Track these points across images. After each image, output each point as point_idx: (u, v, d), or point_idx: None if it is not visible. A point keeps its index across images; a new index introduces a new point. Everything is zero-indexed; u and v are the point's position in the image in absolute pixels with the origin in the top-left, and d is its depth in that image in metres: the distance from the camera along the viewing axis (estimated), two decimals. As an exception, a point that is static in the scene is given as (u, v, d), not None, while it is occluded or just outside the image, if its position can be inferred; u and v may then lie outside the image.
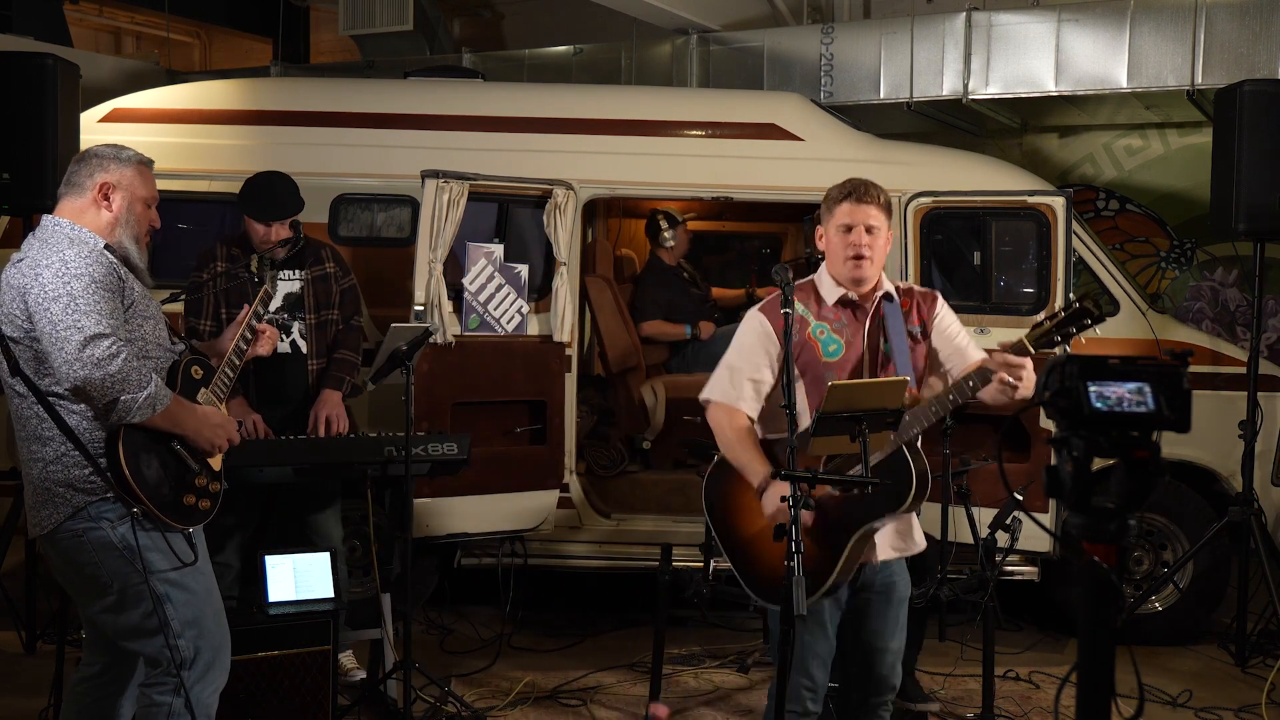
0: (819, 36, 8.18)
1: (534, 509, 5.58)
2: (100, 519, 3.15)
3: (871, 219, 3.34)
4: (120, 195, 3.29)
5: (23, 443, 3.22)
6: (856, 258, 3.33)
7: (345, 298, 4.96)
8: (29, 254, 3.16)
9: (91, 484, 3.13)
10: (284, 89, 6.88)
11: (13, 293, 3.10)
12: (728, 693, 5.04)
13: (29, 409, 3.16)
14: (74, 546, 3.17)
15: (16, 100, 5.21)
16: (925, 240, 5.69)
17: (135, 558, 3.12)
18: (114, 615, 3.22)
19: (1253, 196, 5.35)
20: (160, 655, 3.21)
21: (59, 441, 3.11)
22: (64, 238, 3.17)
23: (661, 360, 6.95)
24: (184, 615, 3.21)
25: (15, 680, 4.91)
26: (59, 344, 3.00)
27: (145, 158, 3.41)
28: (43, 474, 3.16)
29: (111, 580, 3.17)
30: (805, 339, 3.37)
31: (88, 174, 3.29)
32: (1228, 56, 7.06)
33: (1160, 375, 2.02)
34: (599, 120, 6.03)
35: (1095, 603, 2.03)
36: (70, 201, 3.28)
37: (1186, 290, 8.67)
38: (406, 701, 4.31)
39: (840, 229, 3.37)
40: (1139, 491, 1.98)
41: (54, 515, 3.16)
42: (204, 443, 3.27)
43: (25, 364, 3.07)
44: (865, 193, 3.36)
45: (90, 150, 3.35)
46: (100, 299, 3.07)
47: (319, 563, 4.26)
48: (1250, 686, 5.12)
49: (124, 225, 3.29)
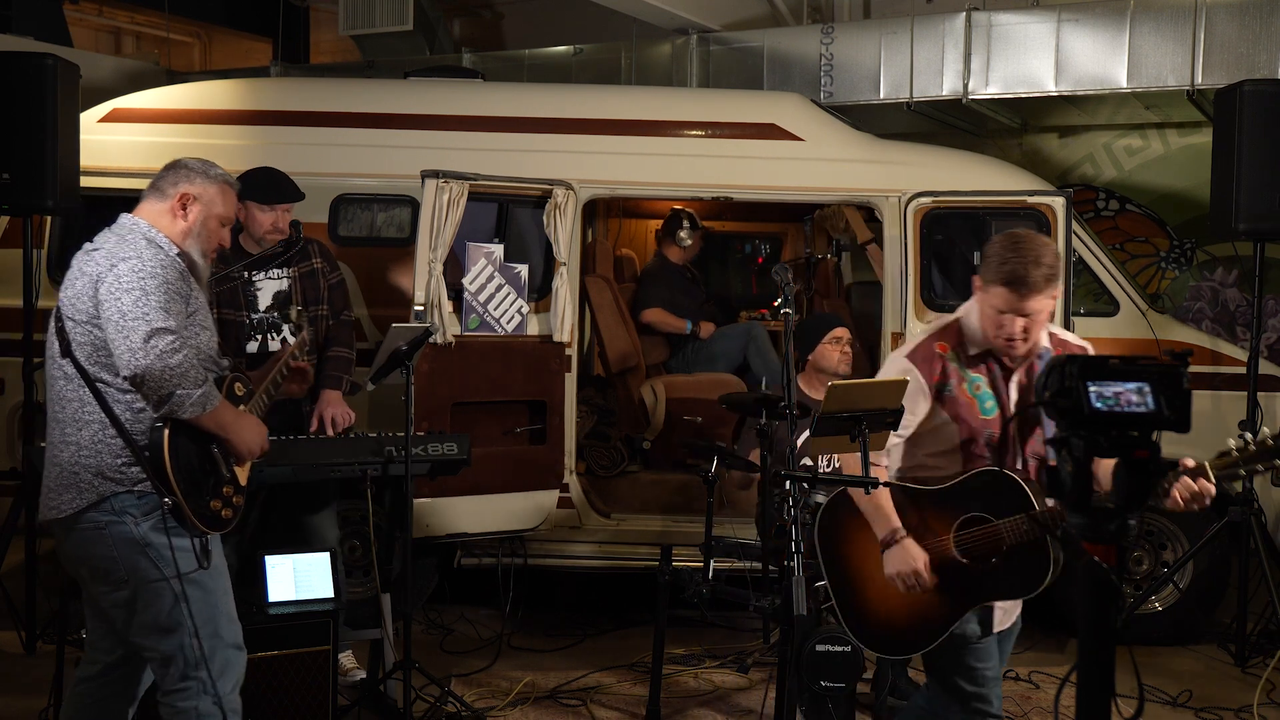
0: (819, 36, 8.18)
1: (534, 509, 5.58)
2: (124, 513, 3.16)
3: (1030, 309, 3.01)
4: (198, 208, 3.37)
5: (57, 424, 3.23)
6: (1009, 340, 3.07)
7: (334, 293, 4.95)
8: (104, 246, 3.22)
9: (122, 475, 3.16)
10: (284, 89, 6.88)
11: (85, 280, 3.17)
12: (727, 693, 5.04)
13: (73, 392, 3.19)
14: (93, 537, 3.18)
15: (16, 100, 5.21)
16: (925, 240, 5.69)
17: (156, 555, 3.15)
18: (127, 610, 3.22)
19: (1253, 196, 5.35)
20: (175, 654, 3.20)
21: (98, 427, 3.16)
22: (141, 237, 3.25)
23: (661, 360, 6.95)
24: (200, 615, 3.21)
25: (15, 680, 4.91)
26: (126, 333, 3.05)
27: (232, 179, 3.50)
28: (74, 458, 3.18)
29: (128, 576, 3.18)
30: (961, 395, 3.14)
31: (172, 182, 3.37)
32: (1228, 56, 7.06)
33: (1160, 375, 2.02)
34: (599, 120, 6.03)
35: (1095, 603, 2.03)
36: (151, 204, 3.36)
37: (1186, 290, 8.67)
38: (406, 701, 4.31)
39: (993, 309, 3.05)
40: (1139, 491, 1.98)
41: (75, 501, 3.17)
42: (243, 447, 3.31)
43: (79, 348, 3.15)
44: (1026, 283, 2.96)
45: (182, 160, 3.44)
46: (169, 299, 3.14)
47: (319, 563, 4.26)
48: (1250, 686, 5.11)
49: (195, 237, 3.37)
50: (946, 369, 3.15)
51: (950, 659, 3.19)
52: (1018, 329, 3.03)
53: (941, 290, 5.80)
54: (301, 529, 4.77)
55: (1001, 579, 3.07)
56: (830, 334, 5.22)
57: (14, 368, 5.45)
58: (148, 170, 5.75)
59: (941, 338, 3.21)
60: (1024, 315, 3.02)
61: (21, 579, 5.32)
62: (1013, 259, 2.98)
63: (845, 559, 3.30)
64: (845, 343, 5.25)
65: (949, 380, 3.14)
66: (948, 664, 3.20)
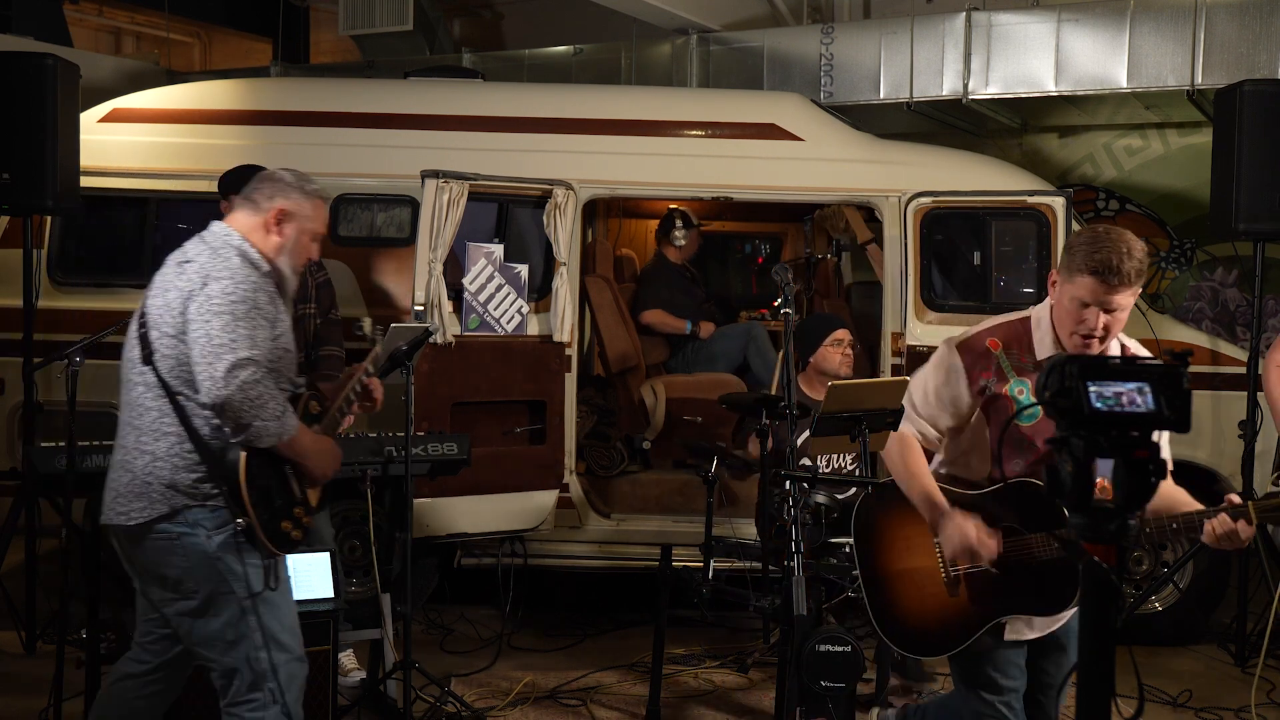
0: (819, 36, 8.17)
1: (534, 509, 5.58)
2: (197, 525, 3.14)
3: (1116, 303, 2.86)
4: (293, 225, 3.33)
5: (133, 430, 3.20)
6: (1085, 338, 2.93)
7: (321, 292, 4.95)
8: (198, 260, 3.18)
9: (196, 490, 3.13)
10: (284, 89, 6.88)
11: (175, 294, 3.14)
12: (727, 693, 5.04)
13: (153, 401, 3.16)
14: (166, 548, 3.16)
15: (16, 100, 5.21)
16: (925, 240, 5.69)
17: (226, 568, 3.13)
18: (193, 620, 3.21)
19: (1253, 196, 5.35)
20: (239, 667, 3.19)
21: (175, 440, 3.13)
22: (235, 252, 3.21)
23: (661, 360, 6.95)
24: (268, 629, 3.20)
25: (15, 680, 4.91)
26: (210, 359, 3.02)
27: (325, 194, 3.47)
28: (148, 467, 3.15)
29: (198, 587, 3.17)
30: (1003, 396, 3.02)
31: (268, 195, 3.32)
32: (1228, 56, 7.05)
33: (1160, 375, 2.02)
34: (599, 120, 6.03)
35: (1095, 603, 2.03)
36: (244, 216, 3.31)
37: (1186, 290, 8.67)
38: (406, 701, 4.31)
39: (1077, 300, 2.90)
40: (1139, 491, 1.98)
41: (147, 510, 3.14)
42: (317, 471, 3.29)
43: (162, 360, 3.13)
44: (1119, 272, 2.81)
45: (277, 173, 3.38)
46: (257, 326, 3.11)
47: (319, 563, 4.26)
48: (1250, 686, 5.11)
49: (288, 253, 3.33)
50: (995, 368, 3.05)
51: (972, 665, 3.18)
52: (1099, 324, 2.89)
53: (941, 290, 5.80)
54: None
55: (1031, 593, 3.03)
56: (832, 336, 5.21)
57: (14, 368, 5.45)
58: (148, 170, 5.86)
59: (996, 334, 3.09)
60: (1108, 310, 2.88)
61: (21, 579, 5.32)
62: (1105, 247, 2.83)
63: (878, 556, 3.29)
64: (847, 345, 5.25)
65: (991, 379, 3.04)
66: (970, 670, 3.20)
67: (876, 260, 6.30)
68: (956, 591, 3.11)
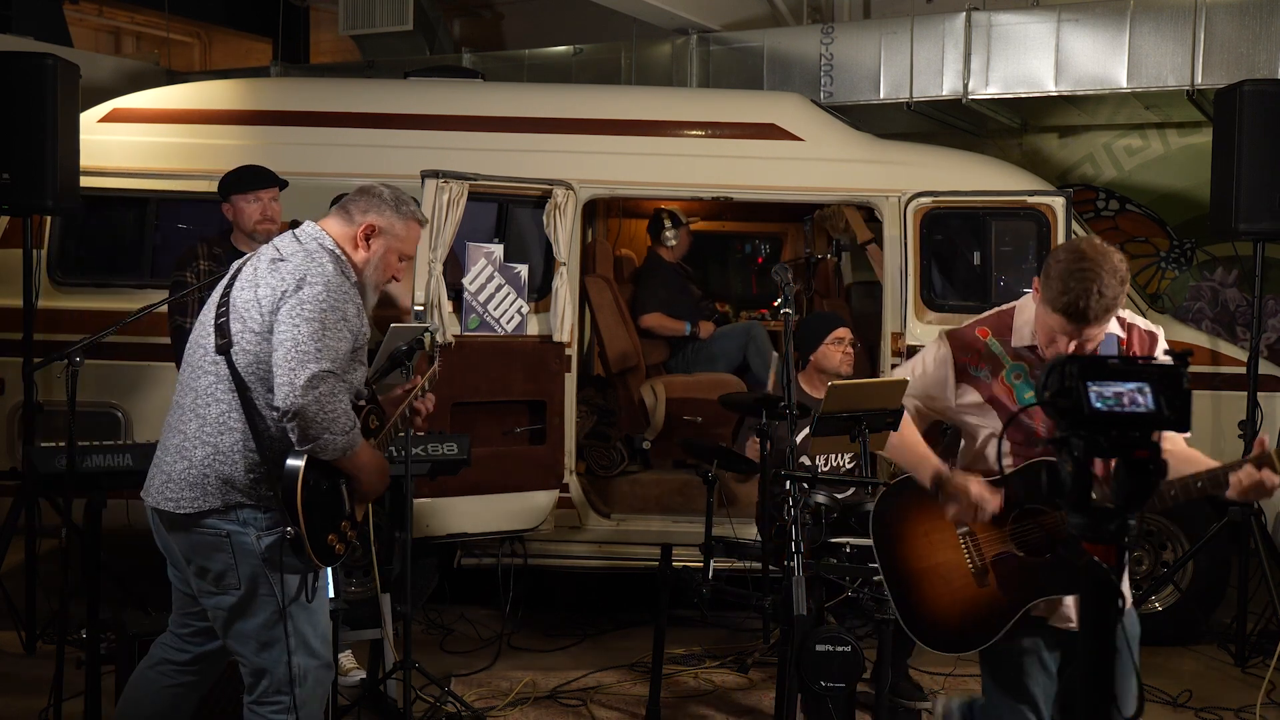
0: (819, 36, 8.18)
1: (534, 509, 5.58)
2: (249, 525, 3.13)
3: (1087, 336, 2.91)
4: (381, 242, 3.29)
5: (195, 419, 3.16)
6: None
7: None
8: (292, 259, 3.14)
9: (254, 490, 3.11)
10: (284, 89, 6.89)
11: (266, 290, 3.10)
12: (727, 693, 5.04)
13: (223, 394, 3.13)
14: (214, 543, 3.15)
15: (16, 100, 5.21)
16: (925, 240, 5.69)
17: (270, 572, 3.13)
18: (230, 614, 3.20)
19: (1253, 196, 5.35)
20: (270, 668, 3.19)
21: (240, 436, 3.10)
22: (329, 255, 3.18)
23: (661, 360, 6.95)
24: (299, 635, 3.19)
25: (15, 680, 4.91)
26: (293, 365, 2.99)
27: (423, 217, 3.42)
28: (208, 459, 3.12)
29: (239, 585, 3.16)
30: (999, 381, 3.07)
31: (361, 209, 3.28)
32: (1228, 56, 7.06)
33: (1160, 375, 2.02)
34: (599, 120, 6.03)
35: (1095, 603, 2.03)
36: (336, 225, 3.28)
37: (1186, 290, 8.67)
38: (406, 701, 4.31)
39: (1048, 329, 2.95)
40: (1139, 491, 1.98)
41: (199, 502, 3.12)
42: (369, 488, 3.27)
43: (240, 354, 3.09)
44: (1084, 316, 2.84)
45: (375, 188, 3.34)
46: (343, 339, 3.08)
47: (319, 563, 4.26)
48: (1250, 686, 5.11)
49: (373, 269, 3.29)
50: (984, 355, 3.10)
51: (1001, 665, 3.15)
52: (1071, 349, 2.93)
53: (941, 290, 5.80)
54: None
55: (1063, 571, 2.99)
56: (833, 334, 5.21)
57: (14, 368, 5.45)
58: (148, 170, 5.86)
59: (986, 324, 3.16)
60: (1080, 339, 2.93)
61: (21, 579, 5.32)
62: (1075, 288, 2.83)
63: (900, 557, 3.26)
64: (848, 343, 5.25)
65: (983, 368, 3.09)
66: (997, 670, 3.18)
67: (876, 260, 6.31)
68: (986, 581, 3.08)
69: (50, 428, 5.25)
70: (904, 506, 3.24)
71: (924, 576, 3.19)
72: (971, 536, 3.12)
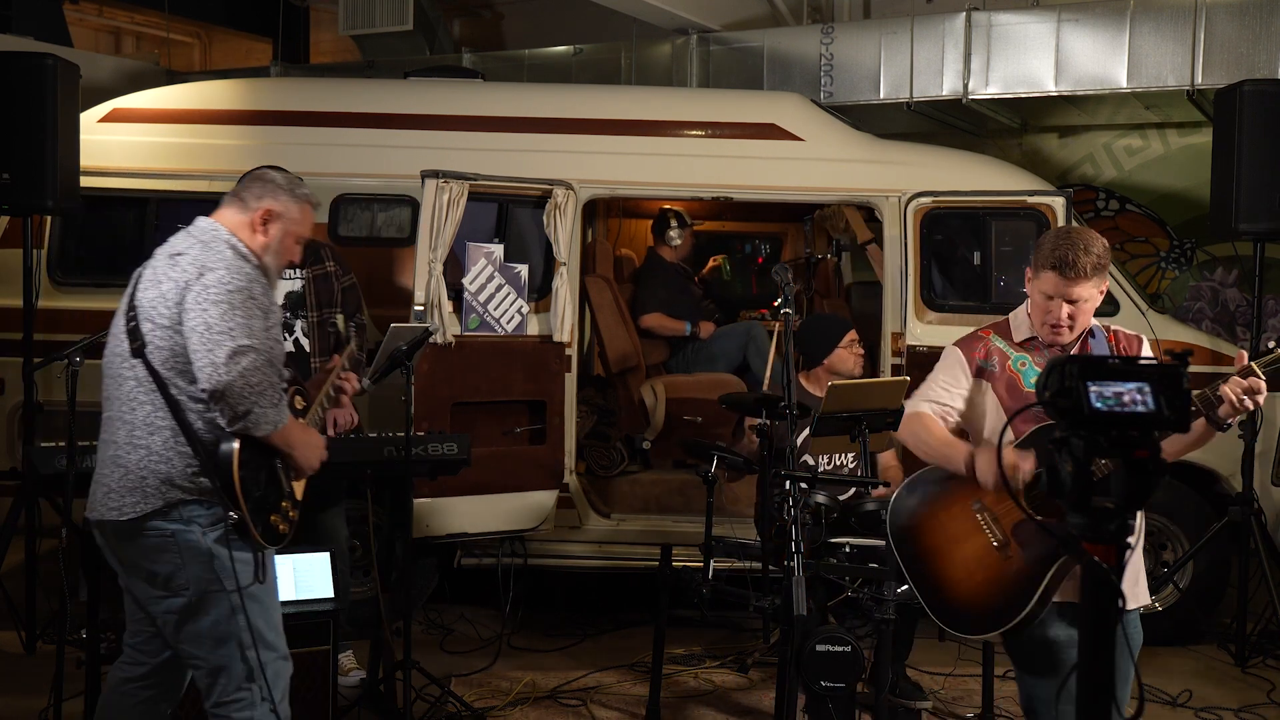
0: (819, 36, 8.18)
1: (534, 509, 5.58)
2: (191, 522, 3.14)
3: (1076, 295, 3.12)
4: (278, 226, 3.33)
5: (123, 425, 3.19)
6: (1054, 327, 3.18)
7: (346, 296, 4.96)
8: (189, 252, 3.19)
9: (192, 484, 3.13)
10: (284, 89, 6.89)
11: (170, 285, 3.14)
12: (727, 693, 5.04)
13: (145, 395, 3.15)
14: (159, 544, 3.15)
15: (16, 100, 5.21)
16: (925, 240, 5.69)
17: (219, 565, 3.13)
18: (180, 618, 3.20)
19: (1253, 196, 5.35)
20: (227, 665, 3.19)
21: (170, 434, 3.12)
22: (225, 244, 3.21)
23: (661, 360, 6.95)
24: (256, 627, 3.19)
25: (15, 680, 4.91)
26: (210, 347, 3.02)
27: (314, 198, 3.46)
28: (143, 462, 3.14)
29: (189, 584, 3.16)
30: (1006, 372, 3.23)
31: (256, 195, 3.32)
32: (1228, 56, 7.06)
33: (1160, 375, 2.02)
34: (599, 120, 6.03)
35: (1095, 603, 2.03)
36: (231, 213, 3.32)
37: (1186, 290, 8.67)
38: (406, 701, 4.31)
39: (1043, 294, 3.16)
40: (1139, 491, 1.98)
41: (140, 505, 3.13)
42: (305, 463, 3.30)
43: (155, 352, 3.12)
44: (1075, 267, 3.08)
45: (267, 173, 3.40)
46: (254, 315, 3.11)
47: (319, 563, 4.26)
48: (1250, 686, 5.11)
49: (272, 253, 3.33)
50: (990, 348, 3.26)
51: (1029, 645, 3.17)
52: (1064, 315, 3.13)
53: (941, 290, 5.80)
54: (312, 526, 4.75)
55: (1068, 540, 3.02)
56: (847, 337, 5.23)
57: (14, 368, 5.45)
58: (148, 170, 5.86)
59: (987, 328, 3.36)
60: (1070, 301, 3.12)
61: (21, 579, 5.32)
62: (1063, 245, 3.10)
63: (922, 552, 3.28)
64: (857, 344, 5.28)
65: (992, 358, 3.24)
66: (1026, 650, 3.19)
67: (876, 260, 6.31)
68: (1009, 552, 3.11)
69: (50, 428, 5.25)
70: (919, 505, 3.28)
71: (952, 565, 3.21)
72: (988, 512, 3.17)
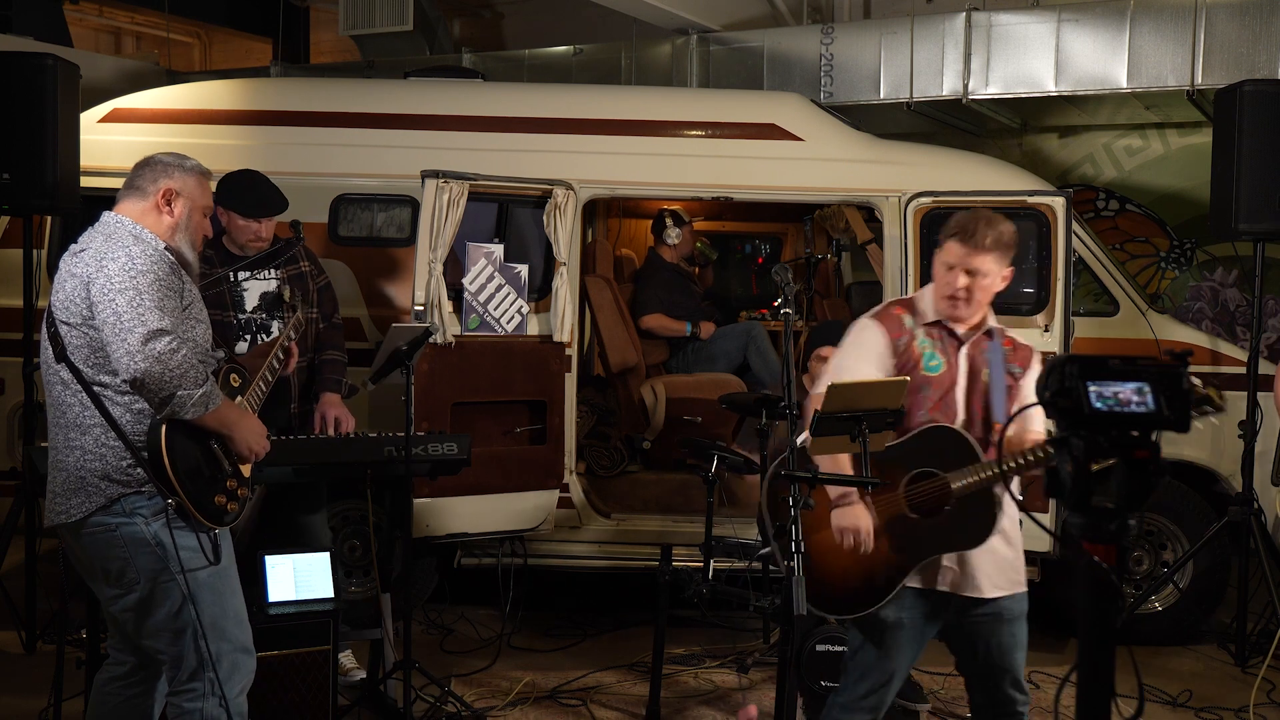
0: (819, 37, 8.18)
1: (534, 509, 5.58)
2: (134, 514, 3.16)
3: (976, 264, 3.22)
4: (182, 202, 3.35)
5: (59, 430, 3.23)
6: (950, 298, 3.27)
7: (323, 296, 4.96)
8: (91, 246, 3.20)
9: (129, 476, 3.15)
10: (284, 89, 6.88)
11: (75, 282, 3.15)
12: (727, 693, 5.04)
13: (71, 397, 3.19)
14: (105, 540, 3.17)
15: (16, 100, 5.21)
16: (925, 240, 5.68)
17: (166, 554, 3.14)
18: (136, 613, 3.21)
19: (1253, 196, 5.35)
20: (184, 655, 3.20)
21: (100, 430, 3.15)
22: (128, 234, 3.23)
23: (661, 360, 6.95)
24: (208, 616, 3.20)
25: (15, 680, 4.91)
26: (123, 335, 3.03)
27: (206, 169, 3.49)
28: (79, 462, 3.17)
29: (139, 576, 3.18)
30: (912, 350, 3.33)
31: (151, 179, 3.35)
32: (1228, 56, 7.06)
33: (1160, 375, 2.02)
34: (599, 120, 6.03)
35: (1095, 603, 2.03)
36: (132, 203, 3.34)
37: (1186, 290, 8.67)
38: (406, 701, 4.31)
39: (944, 264, 3.27)
40: (1139, 491, 1.98)
41: (84, 504, 3.16)
42: (244, 448, 3.30)
43: (74, 351, 3.14)
44: (974, 236, 3.21)
45: (155, 157, 3.43)
46: (164, 297, 3.12)
47: (319, 563, 4.27)
48: (1250, 686, 5.11)
49: (183, 231, 3.35)
50: (902, 325, 3.34)
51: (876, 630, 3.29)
52: (961, 284, 3.21)
53: (941, 290, 5.79)
54: (295, 530, 4.76)
55: (953, 530, 3.18)
56: None
57: (14, 368, 5.45)
58: (148, 170, 5.85)
59: (898, 303, 3.45)
60: (969, 272, 3.21)
61: (21, 579, 5.32)
62: (970, 218, 3.24)
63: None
64: None
65: (902, 335, 3.32)
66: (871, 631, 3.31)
67: (876, 260, 6.30)
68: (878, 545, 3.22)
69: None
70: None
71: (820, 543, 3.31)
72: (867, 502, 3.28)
